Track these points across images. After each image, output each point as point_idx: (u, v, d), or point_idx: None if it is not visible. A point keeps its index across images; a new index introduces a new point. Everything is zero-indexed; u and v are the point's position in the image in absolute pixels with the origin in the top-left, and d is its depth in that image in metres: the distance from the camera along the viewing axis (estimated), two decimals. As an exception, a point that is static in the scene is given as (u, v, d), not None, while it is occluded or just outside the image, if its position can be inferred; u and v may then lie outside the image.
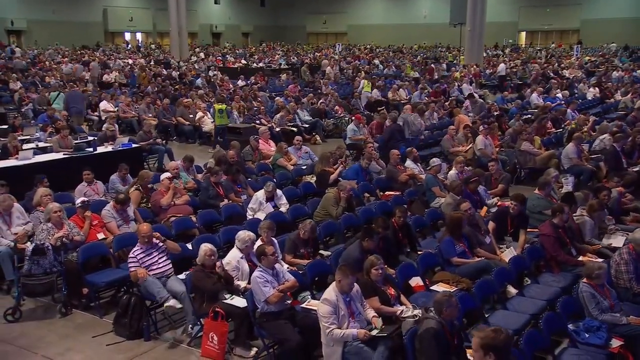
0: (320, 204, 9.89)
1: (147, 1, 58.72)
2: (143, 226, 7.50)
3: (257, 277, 6.70)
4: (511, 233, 8.58)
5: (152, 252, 7.42)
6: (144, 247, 7.38)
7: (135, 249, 7.38)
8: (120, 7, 57.52)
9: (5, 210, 8.65)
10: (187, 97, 20.84)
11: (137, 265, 7.27)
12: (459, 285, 7.28)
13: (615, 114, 18.78)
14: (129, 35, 60.75)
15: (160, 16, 58.81)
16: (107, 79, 28.75)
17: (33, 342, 7.25)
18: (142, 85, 25.74)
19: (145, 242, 7.37)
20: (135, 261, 7.29)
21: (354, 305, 6.17)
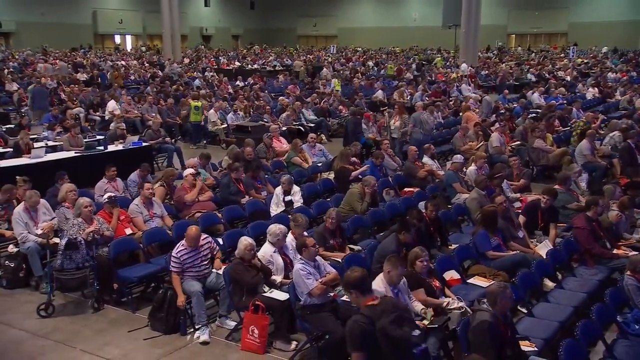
0: (344, 199, 9.88)
1: (137, 3, 58.46)
2: (192, 229, 7.37)
3: (299, 270, 6.66)
4: (541, 227, 8.59)
5: (195, 255, 7.32)
6: (188, 249, 7.26)
7: (180, 248, 7.24)
8: (110, 9, 57.27)
9: (32, 206, 8.58)
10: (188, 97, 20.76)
11: (179, 266, 7.18)
12: (496, 278, 7.27)
13: (618, 113, 18.90)
14: (119, 38, 60.48)
15: (150, 18, 58.67)
16: (80, 78, 28.71)
17: (69, 336, 7.18)
18: (116, 85, 25.80)
19: (192, 245, 7.25)
20: (177, 262, 7.18)
21: (402, 297, 6.14)
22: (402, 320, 4.40)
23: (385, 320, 4.31)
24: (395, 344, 4.25)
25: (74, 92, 22.15)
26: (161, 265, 8.06)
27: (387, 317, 4.32)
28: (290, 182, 10.04)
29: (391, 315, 4.35)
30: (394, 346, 4.25)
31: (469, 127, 14.70)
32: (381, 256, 7.51)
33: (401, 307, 4.50)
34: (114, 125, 15.77)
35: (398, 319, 4.36)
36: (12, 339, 7.12)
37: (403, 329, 4.31)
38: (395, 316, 4.35)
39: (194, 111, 17.65)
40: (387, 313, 4.37)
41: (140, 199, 9.06)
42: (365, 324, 4.41)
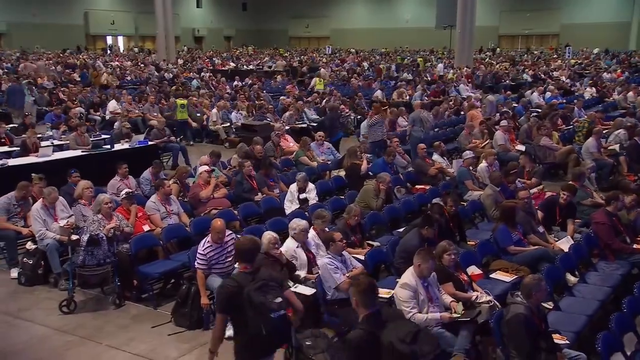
0: (358, 196, 9.90)
1: (129, 4, 58.37)
2: (217, 222, 7.28)
3: (327, 264, 6.69)
4: (559, 223, 8.64)
5: (221, 251, 7.26)
6: (214, 245, 7.19)
7: (206, 245, 7.17)
8: (102, 10, 57.13)
9: (51, 203, 8.57)
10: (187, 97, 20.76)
11: (205, 263, 7.13)
12: (519, 273, 7.32)
13: (617, 112, 19.04)
14: (111, 39, 60.29)
15: (141, 19, 58.64)
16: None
17: (93, 332, 7.17)
18: (96, 85, 25.83)
19: (218, 239, 7.20)
20: (204, 259, 7.13)
21: (432, 291, 6.16)
22: (267, 288, 4.53)
23: (252, 286, 4.46)
24: (256, 309, 4.41)
25: (73, 91, 22.05)
26: (181, 261, 8.07)
27: (254, 285, 4.48)
28: (305, 180, 10.07)
29: (258, 283, 4.52)
30: (255, 311, 4.41)
31: (475, 125, 14.77)
32: (403, 251, 7.56)
33: (272, 278, 4.66)
34: (118, 125, 15.73)
35: (263, 286, 4.51)
36: (37, 335, 7.10)
37: (266, 296, 4.43)
38: (262, 284, 4.51)
39: (180, 109, 17.90)
40: (256, 281, 4.55)
41: (157, 196, 9.05)
42: (233, 288, 4.60)
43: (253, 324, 4.46)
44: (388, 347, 4.18)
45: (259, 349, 4.67)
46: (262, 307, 4.44)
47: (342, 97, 21.29)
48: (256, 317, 4.44)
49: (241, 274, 4.81)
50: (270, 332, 4.48)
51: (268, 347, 4.72)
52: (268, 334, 4.47)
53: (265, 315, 4.44)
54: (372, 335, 4.26)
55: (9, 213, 8.87)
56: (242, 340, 4.66)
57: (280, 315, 4.54)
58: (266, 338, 4.50)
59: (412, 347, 4.20)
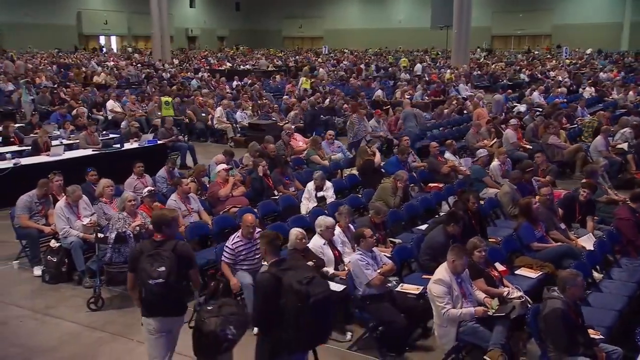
0: (376, 193, 9.98)
1: (122, 4, 58.25)
2: (248, 216, 7.36)
3: (358, 261, 6.74)
4: (578, 220, 8.73)
5: (250, 247, 7.30)
6: (244, 240, 7.25)
7: (235, 240, 7.23)
8: (95, 10, 56.93)
9: (74, 202, 8.58)
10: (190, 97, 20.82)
11: (232, 258, 7.20)
12: (543, 269, 7.42)
13: (618, 112, 19.20)
14: (104, 39, 60.11)
15: (135, 19, 58.54)
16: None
17: (123, 329, 7.21)
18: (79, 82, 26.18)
19: (249, 234, 7.25)
20: (231, 253, 7.20)
21: (465, 287, 6.22)
22: (156, 257, 5.22)
23: (146, 255, 5.24)
24: (141, 275, 5.24)
25: (75, 91, 22.00)
26: (206, 258, 8.11)
27: (147, 251, 5.27)
28: (323, 178, 10.13)
29: (151, 250, 5.28)
30: (141, 277, 5.25)
31: (482, 124, 14.87)
32: (429, 248, 7.65)
33: (161, 248, 5.34)
34: (125, 124, 15.75)
35: (154, 255, 5.23)
36: (68, 332, 7.13)
37: (152, 264, 5.18)
38: (154, 253, 5.24)
39: (165, 106, 18.18)
40: (147, 248, 5.33)
41: (178, 195, 9.09)
42: (135, 252, 5.44)
43: (139, 286, 5.36)
44: (287, 287, 4.74)
45: (148, 308, 5.36)
46: (143, 273, 5.20)
47: (344, 97, 21.33)
48: (140, 280, 5.30)
49: (148, 240, 5.59)
50: (150, 295, 5.22)
51: (155, 308, 5.32)
52: (148, 297, 5.25)
53: (145, 280, 5.18)
54: (276, 278, 4.85)
55: (31, 211, 8.90)
56: (142, 296, 5.41)
57: (158, 283, 5.14)
58: (149, 300, 5.28)
59: (307, 288, 4.69)
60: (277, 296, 4.78)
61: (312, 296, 4.70)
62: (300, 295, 4.69)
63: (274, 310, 4.78)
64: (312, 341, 5.00)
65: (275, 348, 4.91)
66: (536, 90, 21.92)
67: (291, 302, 4.71)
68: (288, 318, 4.73)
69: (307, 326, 4.72)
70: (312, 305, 4.69)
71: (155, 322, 5.31)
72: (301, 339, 4.83)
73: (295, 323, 4.71)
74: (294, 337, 4.77)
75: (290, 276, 4.80)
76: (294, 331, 4.73)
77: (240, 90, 23.41)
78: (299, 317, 4.70)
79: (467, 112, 19.22)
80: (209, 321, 4.96)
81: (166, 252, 5.23)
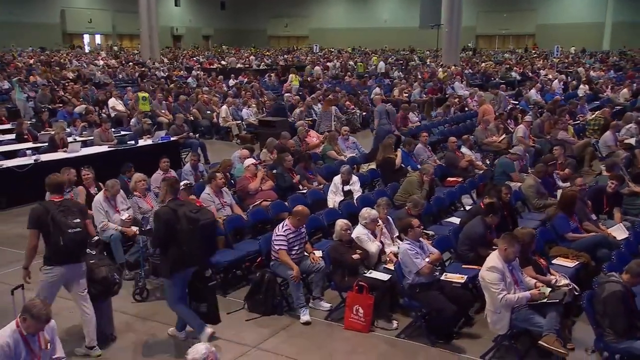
0: (401, 187, 10.14)
1: (106, 2, 58.06)
2: (302, 207, 7.66)
3: (407, 250, 6.89)
4: (606, 212, 8.96)
5: (297, 236, 7.49)
6: (292, 229, 7.43)
7: (286, 228, 7.40)
8: (79, 8, 56.61)
9: (113, 195, 8.64)
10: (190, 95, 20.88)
11: (286, 244, 7.35)
12: (579, 259, 7.62)
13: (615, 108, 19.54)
14: (88, 37, 59.71)
15: (119, 18, 58.36)
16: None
17: (171, 319, 7.22)
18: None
19: (299, 224, 7.45)
20: (285, 239, 7.36)
21: (516, 274, 6.40)
22: (70, 212, 6.10)
23: (56, 211, 6.01)
24: (59, 227, 5.96)
25: (75, 89, 21.93)
26: (246, 250, 8.26)
27: (59, 209, 6.04)
28: (349, 172, 10.29)
29: (59, 208, 6.07)
30: (58, 229, 5.96)
31: (490, 120, 15.11)
32: (467, 238, 7.82)
33: (76, 206, 6.40)
34: (135, 121, 15.79)
35: (67, 210, 6.09)
36: (120, 321, 7.18)
37: (67, 217, 6.03)
38: (65, 209, 6.09)
39: (142, 101, 18.57)
40: (52, 207, 6.06)
41: (211, 189, 9.18)
42: (41, 210, 6.05)
43: (54, 237, 5.97)
44: (182, 215, 6.22)
45: (62, 256, 6.09)
46: (61, 225, 5.97)
47: (345, 94, 21.51)
48: (57, 232, 5.95)
49: (47, 202, 6.30)
50: (70, 243, 6.01)
51: (70, 256, 6.12)
52: (68, 245, 6.00)
53: (64, 230, 5.97)
54: (173, 210, 6.29)
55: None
56: (49, 249, 6.09)
57: (77, 231, 6.08)
58: (68, 248, 6.02)
59: (197, 215, 6.32)
60: (174, 223, 6.19)
61: (200, 221, 6.26)
62: (192, 221, 6.21)
63: (172, 234, 6.21)
64: (202, 257, 6.53)
65: (174, 264, 6.30)
66: (533, 88, 22.25)
67: (185, 226, 6.20)
68: (183, 239, 6.21)
69: (197, 245, 6.28)
70: (200, 228, 6.25)
71: (65, 269, 6.14)
72: (193, 255, 6.32)
73: (189, 242, 6.22)
74: (188, 254, 6.25)
75: (184, 208, 6.31)
76: (188, 249, 6.22)
77: (240, 88, 23.48)
78: (191, 238, 6.21)
79: (469, 110, 19.51)
80: (99, 270, 6.41)
81: (74, 207, 6.30)
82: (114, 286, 6.50)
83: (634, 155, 13.17)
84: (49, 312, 4.86)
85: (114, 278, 6.46)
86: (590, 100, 22.54)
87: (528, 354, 6.37)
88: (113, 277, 6.47)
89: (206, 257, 6.68)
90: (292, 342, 6.83)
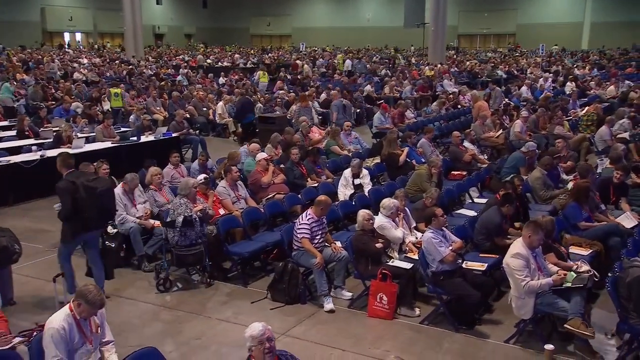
0: (410, 180, 10.33)
1: (87, 0, 57.49)
2: (325, 197, 7.82)
3: (431, 238, 7.05)
4: (613, 202, 9.20)
5: (319, 226, 7.64)
6: (315, 218, 7.58)
7: (310, 217, 7.56)
8: (59, 6, 55.94)
9: (132, 189, 8.74)
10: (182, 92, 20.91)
11: (310, 233, 7.50)
12: (593, 247, 7.84)
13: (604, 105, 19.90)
14: (68, 36, 59.17)
15: (100, 16, 57.92)
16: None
17: (197, 308, 7.42)
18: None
19: (322, 213, 7.60)
20: (308, 228, 7.50)
21: (540, 261, 6.60)
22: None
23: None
24: None
25: (66, 87, 21.84)
26: (265, 241, 8.39)
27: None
28: (360, 166, 10.44)
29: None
30: None
31: (487, 115, 15.35)
32: (484, 228, 8.02)
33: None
34: (133, 118, 15.81)
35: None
36: (146, 311, 7.32)
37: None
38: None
39: (114, 97, 19.09)
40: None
41: (227, 182, 9.30)
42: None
43: None
44: (80, 185, 6.85)
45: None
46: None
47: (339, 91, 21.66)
48: None
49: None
50: None
51: None
52: None
53: None
54: (71, 182, 6.90)
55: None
56: None
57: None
58: None
59: (94, 183, 6.99)
60: (74, 193, 6.82)
61: (98, 189, 6.96)
62: (90, 189, 6.89)
63: (72, 203, 6.82)
64: (100, 221, 7.33)
65: (74, 229, 7.03)
66: (524, 85, 22.60)
67: (84, 194, 6.84)
68: (82, 206, 6.85)
69: (96, 210, 6.96)
70: (98, 195, 6.94)
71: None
72: (92, 220, 7.02)
73: (88, 209, 6.88)
74: (88, 219, 6.94)
75: (81, 179, 6.99)
76: (87, 214, 6.89)
77: (233, 85, 23.55)
78: (91, 205, 6.88)
79: (461, 107, 19.78)
80: (0, 240, 6.89)
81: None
82: (14, 255, 7.03)
83: (628, 149, 13.51)
84: (103, 298, 4.94)
85: (13, 248, 6.99)
86: (578, 97, 22.91)
87: (550, 337, 6.55)
88: (13, 247, 6.98)
89: (105, 222, 7.59)
90: (319, 330, 6.96)
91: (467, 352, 6.47)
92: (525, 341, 6.59)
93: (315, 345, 6.58)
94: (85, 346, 4.92)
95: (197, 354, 6.36)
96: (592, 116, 15.49)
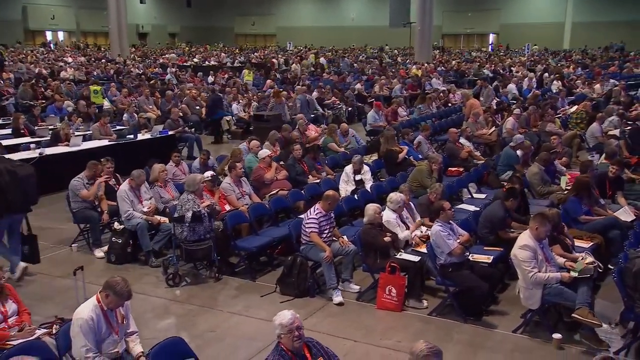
0: (411, 176, 10.45)
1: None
2: (333, 191, 7.95)
3: (440, 231, 7.19)
4: (609, 196, 9.39)
5: (327, 220, 7.75)
6: (323, 213, 7.68)
7: (318, 211, 7.66)
8: (41, 4, 55.45)
9: (138, 185, 8.79)
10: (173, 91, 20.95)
11: (318, 227, 7.60)
12: (593, 240, 8.02)
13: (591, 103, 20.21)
14: (51, 34, 58.71)
15: (83, 15, 57.55)
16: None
17: (208, 302, 7.52)
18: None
19: (330, 208, 7.72)
20: (316, 223, 7.61)
21: (547, 252, 6.75)
22: None
23: None
24: None
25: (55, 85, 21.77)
26: (271, 236, 8.49)
27: None
28: (361, 162, 10.58)
29: None
30: None
31: (480, 113, 15.54)
32: (488, 222, 8.17)
33: None
34: (127, 116, 15.82)
35: None
36: (157, 305, 7.40)
37: None
38: None
39: (93, 94, 19.42)
40: None
41: (231, 178, 9.38)
42: None
43: None
44: (3, 170, 7.29)
45: None
46: None
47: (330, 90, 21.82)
48: None
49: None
50: None
51: None
52: None
53: None
54: None
55: (84, 191, 9.09)
56: None
57: None
58: None
59: (16, 169, 7.56)
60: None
61: (19, 174, 7.46)
62: (12, 173, 7.37)
63: None
64: (24, 205, 7.75)
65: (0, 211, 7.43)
66: (512, 84, 22.87)
67: (7, 178, 7.29)
68: (6, 190, 7.31)
69: (19, 194, 7.46)
70: (20, 180, 7.45)
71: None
72: (16, 203, 7.49)
73: (12, 193, 7.36)
74: (12, 202, 7.40)
75: (3, 164, 7.46)
76: (12, 198, 7.38)
77: (223, 84, 23.59)
78: (15, 189, 7.38)
79: (452, 105, 19.99)
80: None
81: None
82: None
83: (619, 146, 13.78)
84: (130, 290, 5.02)
85: None
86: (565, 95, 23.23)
87: (556, 327, 6.70)
88: None
89: (28, 205, 7.94)
90: (330, 321, 7.07)
91: (476, 342, 6.61)
92: (532, 331, 6.74)
93: (327, 336, 6.63)
94: (112, 336, 5.01)
95: (212, 346, 6.44)
96: (581, 114, 15.73)
